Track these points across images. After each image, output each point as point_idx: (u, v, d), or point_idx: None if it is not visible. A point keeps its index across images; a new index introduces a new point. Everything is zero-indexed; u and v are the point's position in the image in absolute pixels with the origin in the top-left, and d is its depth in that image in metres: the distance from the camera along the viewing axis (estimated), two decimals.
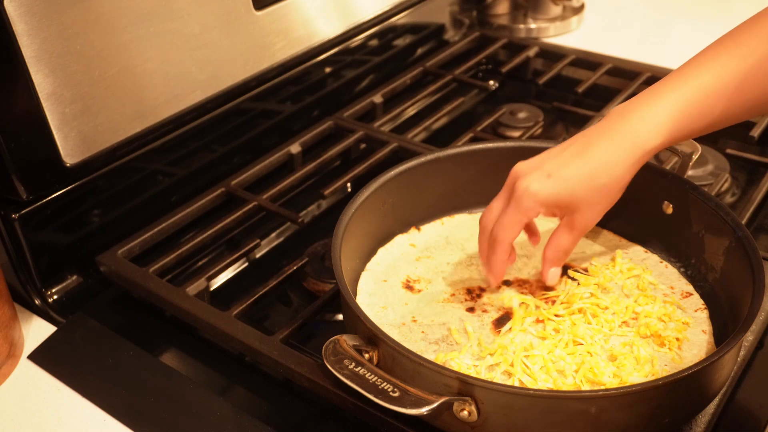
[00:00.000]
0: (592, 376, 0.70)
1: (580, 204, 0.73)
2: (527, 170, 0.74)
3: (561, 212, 0.75)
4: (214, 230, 0.92)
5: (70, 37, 0.81)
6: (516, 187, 0.73)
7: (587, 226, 0.75)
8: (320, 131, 1.10)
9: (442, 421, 0.65)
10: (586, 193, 0.72)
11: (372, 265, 0.86)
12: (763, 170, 1.03)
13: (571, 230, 0.75)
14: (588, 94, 1.22)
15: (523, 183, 0.73)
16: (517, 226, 0.74)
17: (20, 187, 0.81)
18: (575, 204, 0.73)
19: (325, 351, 0.66)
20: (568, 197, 0.72)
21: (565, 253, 0.77)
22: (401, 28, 1.30)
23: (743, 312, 0.69)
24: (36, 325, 0.86)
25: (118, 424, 0.74)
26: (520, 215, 0.73)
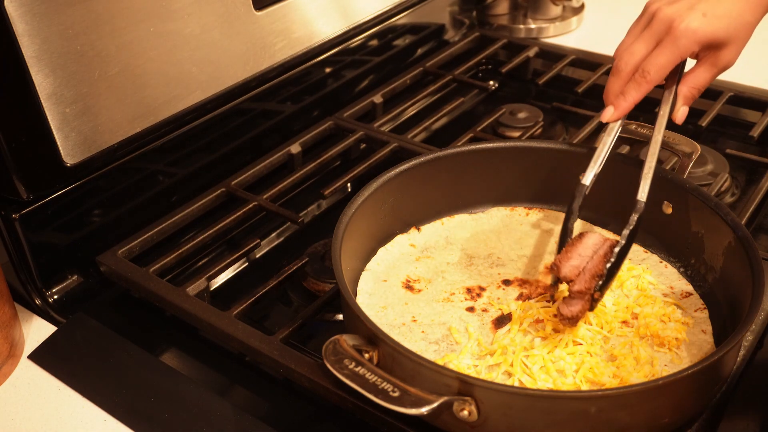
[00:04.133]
0: (592, 376, 0.70)
1: (730, 41, 0.76)
2: (678, 10, 0.76)
3: (707, 51, 0.78)
4: (214, 230, 0.92)
5: (70, 37, 0.81)
6: (675, 26, 0.75)
7: (730, 64, 0.79)
8: (320, 131, 1.10)
9: (442, 421, 0.65)
10: (736, 31, 0.76)
11: (372, 265, 0.86)
12: (763, 170, 1.03)
13: (712, 67, 0.78)
14: (588, 94, 1.22)
15: (683, 22, 0.75)
16: (672, 64, 0.77)
17: (20, 187, 0.81)
18: (727, 41, 0.76)
19: (325, 351, 0.66)
20: (724, 35, 0.76)
21: (699, 91, 0.81)
22: (401, 28, 1.30)
23: (743, 312, 0.69)
24: (36, 325, 0.86)
25: (118, 424, 0.74)
26: (678, 54, 0.76)
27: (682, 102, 0.81)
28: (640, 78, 0.78)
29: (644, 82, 0.78)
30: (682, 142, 0.88)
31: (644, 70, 0.77)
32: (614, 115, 0.81)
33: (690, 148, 0.87)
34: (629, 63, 0.78)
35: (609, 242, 0.75)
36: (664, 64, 0.77)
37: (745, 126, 1.15)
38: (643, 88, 0.78)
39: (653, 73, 0.77)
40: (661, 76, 0.77)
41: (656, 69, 0.77)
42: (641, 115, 1.17)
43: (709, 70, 0.79)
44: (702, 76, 0.80)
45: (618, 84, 0.80)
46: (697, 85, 0.80)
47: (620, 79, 0.79)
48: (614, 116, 0.82)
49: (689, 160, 0.86)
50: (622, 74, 0.79)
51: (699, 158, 0.89)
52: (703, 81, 0.80)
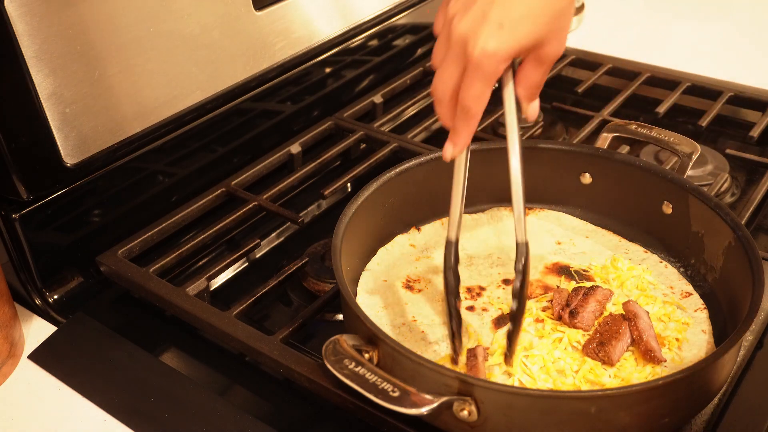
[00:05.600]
0: (592, 377, 0.70)
1: (545, 39, 0.66)
2: (470, 25, 0.64)
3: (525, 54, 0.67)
4: (214, 230, 0.92)
5: (70, 37, 0.81)
6: (469, 52, 0.64)
7: (558, 54, 0.68)
8: (320, 131, 1.10)
9: (442, 421, 0.65)
10: (547, 27, 0.65)
11: (372, 265, 0.86)
12: (763, 170, 1.03)
13: (540, 65, 0.68)
14: (588, 94, 1.22)
15: (477, 46, 0.63)
16: (487, 92, 0.66)
17: (20, 187, 0.81)
18: (540, 41, 0.65)
19: (325, 351, 0.66)
20: (532, 40, 0.65)
21: (539, 87, 0.70)
22: (401, 28, 1.30)
23: (743, 312, 0.69)
24: (36, 325, 0.86)
25: (118, 424, 0.74)
26: (488, 80, 0.65)
27: (526, 102, 0.71)
28: (464, 114, 0.68)
29: (469, 117, 0.68)
30: (682, 142, 0.88)
31: (465, 107, 0.68)
32: (455, 152, 0.73)
33: (690, 148, 0.87)
34: (445, 92, 0.69)
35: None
36: (479, 95, 0.66)
37: (745, 126, 1.15)
38: (471, 123, 0.69)
39: (473, 107, 0.67)
40: (482, 104, 0.67)
41: (474, 101, 0.67)
42: (641, 115, 1.17)
43: (537, 68, 0.68)
44: (533, 74, 0.69)
45: (444, 111, 0.71)
46: (531, 84, 0.69)
47: (445, 107, 0.70)
48: (456, 153, 0.73)
49: (689, 160, 0.86)
50: (443, 103, 0.70)
51: (699, 158, 0.89)
52: (537, 78, 0.69)
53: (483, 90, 0.66)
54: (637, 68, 1.25)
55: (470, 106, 0.67)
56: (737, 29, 1.49)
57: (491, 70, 0.64)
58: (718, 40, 1.44)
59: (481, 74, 0.64)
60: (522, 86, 0.69)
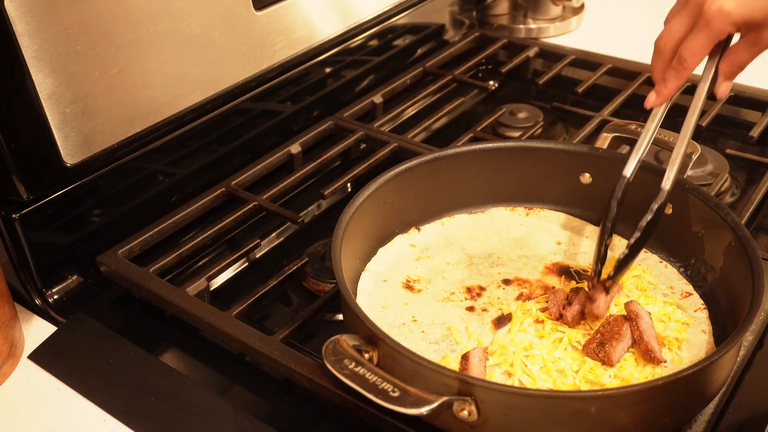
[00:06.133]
0: (592, 377, 0.70)
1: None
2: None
3: (747, 29, 0.74)
4: (214, 230, 0.92)
5: (70, 37, 0.81)
6: (705, 8, 0.71)
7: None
8: (320, 131, 1.10)
9: (442, 421, 0.65)
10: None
11: (372, 265, 0.86)
12: (763, 170, 1.03)
13: (753, 46, 0.74)
14: (588, 95, 1.22)
15: (714, 3, 0.71)
16: (708, 48, 0.74)
17: (20, 187, 0.81)
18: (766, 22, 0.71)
19: (325, 351, 0.66)
20: (762, 15, 0.71)
21: (741, 68, 0.77)
22: (401, 28, 1.30)
23: (743, 312, 0.69)
24: (36, 325, 0.86)
25: (118, 424, 0.74)
26: (712, 37, 0.72)
27: (723, 78, 0.78)
28: (678, 65, 0.75)
29: (682, 69, 0.76)
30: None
31: (681, 57, 0.75)
32: (657, 101, 0.80)
33: (690, 148, 0.87)
34: (668, 44, 0.76)
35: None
36: (699, 49, 0.74)
37: (745, 126, 1.15)
38: (682, 75, 0.76)
39: (689, 59, 0.75)
40: (698, 61, 0.75)
41: (692, 55, 0.74)
42: (641, 115, 1.17)
43: (749, 49, 0.75)
44: (743, 55, 0.76)
45: (660, 63, 0.78)
46: (737, 63, 0.76)
47: (661, 59, 0.77)
48: (657, 102, 0.80)
49: (689, 160, 0.86)
50: (662, 54, 0.77)
51: (699, 158, 0.89)
52: (744, 59, 0.76)
53: (704, 45, 0.73)
54: (637, 68, 1.25)
55: (687, 58, 0.74)
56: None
57: (719, 28, 0.71)
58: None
59: (709, 30, 0.71)
60: (727, 62, 0.76)
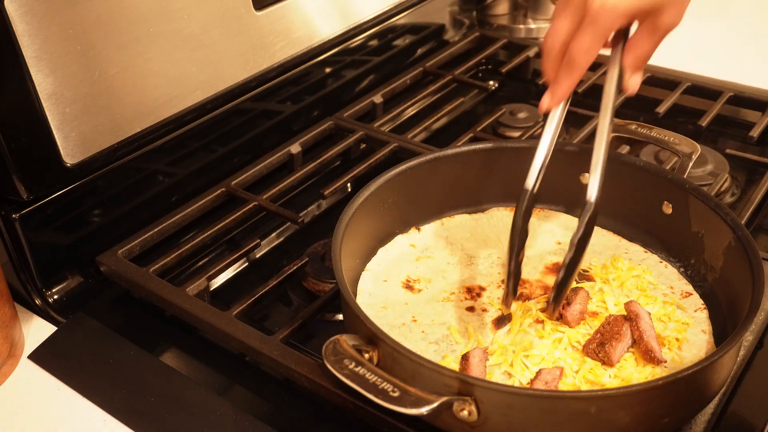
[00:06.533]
0: (592, 377, 0.70)
1: (665, 5, 0.67)
2: None
3: (643, 17, 0.70)
4: (214, 230, 0.92)
5: (70, 37, 0.81)
6: (589, 5, 0.67)
7: (672, 26, 0.70)
8: (320, 131, 1.10)
9: (442, 421, 0.65)
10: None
11: (372, 265, 0.86)
12: (763, 170, 1.03)
13: (653, 34, 0.70)
14: (588, 95, 1.22)
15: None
16: (597, 46, 0.70)
17: (20, 187, 0.81)
18: (660, 6, 0.67)
19: (325, 351, 0.66)
20: (652, 3, 0.67)
21: (645, 59, 0.73)
22: (401, 28, 1.30)
23: (743, 312, 0.69)
24: (36, 325, 0.86)
25: (118, 424, 0.74)
26: (600, 34, 0.68)
27: (630, 72, 0.73)
28: (569, 66, 0.71)
29: (573, 69, 0.71)
30: (682, 142, 0.88)
31: (571, 57, 0.70)
32: (551, 103, 0.75)
33: (690, 148, 0.87)
34: (555, 44, 0.71)
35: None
36: (588, 48, 0.69)
37: (745, 126, 1.15)
38: (574, 75, 0.72)
39: (580, 59, 0.70)
40: (589, 58, 0.70)
41: (582, 54, 0.69)
42: (641, 115, 1.17)
43: (649, 37, 0.70)
44: (645, 45, 0.71)
45: (549, 64, 0.73)
46: (641, 54, 0.72)
47: (551, 60, 0.73)
48: (551, 104, 0.75)
49: (689, 160, 0.86)
50: (551, 55, 0.72)
51: (699, 158, 0.89)
52: (647, 49, 0.71)
53: (593, 44, 0.68)
54: None
55: (577, 58, 0.70)
56: (737, 29, 1.49)
57: (607, 24, 0.67)
58: (718, 40, 1.44)
59: (596, 28, 0.67)
60: (630, 54, 0.71)
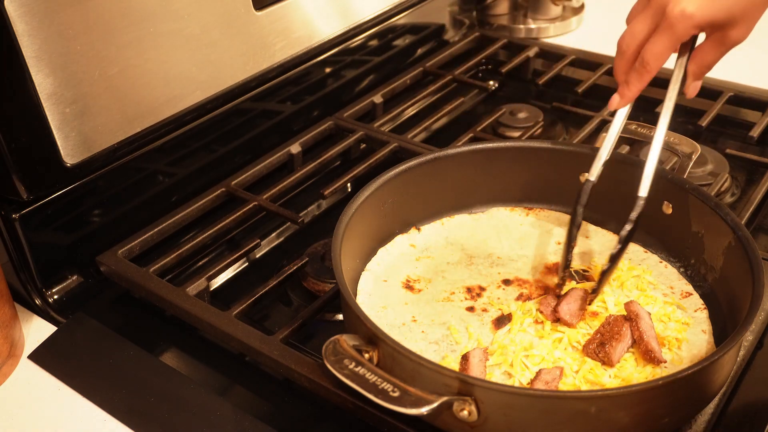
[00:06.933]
0: (592, 377, 0.70)
1: (737, 20, 0.71)
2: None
3: (712, 29, 0.73)
4: (214, 230, 0.92)
5: (70, 37, 0.81)
6: (668, 10, 0.71)
7: (739, 41, 0.74)
8: (320, 131, 1.10)
9: (442, 420, 0.65)
10: (742, 11, 0.71)
11: (372, 265, 0.86)
12: (763, 170, 1.03)
13: (720, 46, 0.74)
14: (588, 95, 1.22)
15: (677, 5, 0.70)
16: (670, 51, 0.73)
17: (20, 187, 0.81)
18: (732, 21, 0.71)
19: (325, 351, 0.66)
20: (727, 15, 0.70)
21: (709, 68, 0.76)
22: (401, 28, 1.30)
23: (743, 312, 0.69)
24: (36, 325, 0.86)
25: (118, 424, 0.74)
26: (675, 40, 0.72)
27: (692, 79, 0.78)
28: (641, 68, 0.75)
29: (645, 72, 0.75)
30: (682, 142, 0.88)
31: (644, 60, 0.74)
32: (620, 103, 0.80)
33: (690, 148, 0.87)
34: (630, 45, 0.76)
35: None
36: (662, 52, 0.73)
37: (745, 126, 1.15)
38: (644, 78, 0.76)
39: (652, 62, 0.74)
40: (660, 63, 0.75)
41: (655, 58, 0.74)
42: (641, 115, 1.17)
43: (716, 49, 0.75)
44: (710, 55, 0.75)
45: (622, 64, 0.77)
46: (705, 63, 0.76)
47: (624, 60, 0.77)
48: (620, 104, 0.80)
49: (689, 160, 0.86)
50: (625, 55, 0.76)
51: (699, 158, 0.89)
52: (712, 59, 0.76)
53: (666, 48, 0.72)
54: None
55: (650, 61, 0.73)
56: None
57: (682, 31, 0.71)
58: None
59: (671, 33, 0.71)
60: (695, 63, 0.76)
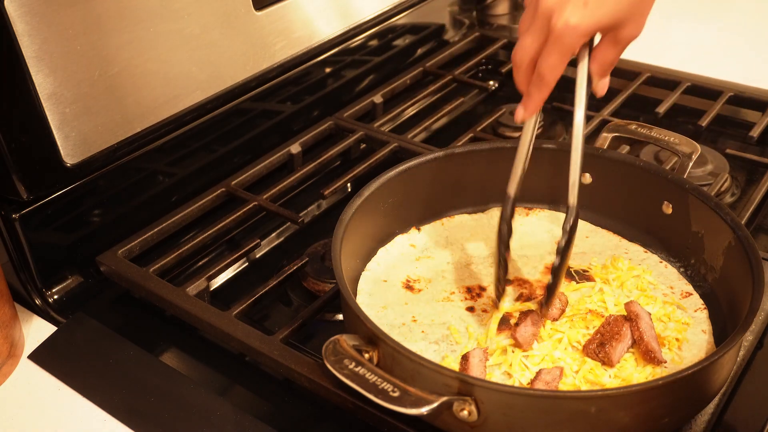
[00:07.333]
0: (592, 377, 0.70)
1: (625, 20, 0.71)
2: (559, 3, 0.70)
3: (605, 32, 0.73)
4: (214, 230, 0.92)
5: (70, 37, 0.81)
6: (553, 24, 0.70)
7: (633, 37, 0.73)
8: (320, 131, 1.10)
9: (442, 421, 0.65)
10: (627, 11, 0.70)
11: (372, 265, 0.86)
12: (763, 170, 1.03)
13: (615, 45, 0.73)
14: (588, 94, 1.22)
15: (560, 18, 0.69)
16: (564, 62, 0.73)
17: (20, 187, 0.81)
18: (620, 22, 0.71)
19: (325, 351, 0.66)
20: (612, 20, 0.70)
21: (612, 65, 0.76)
22: (401, 28, 1.30)
23: (743, 312, 0.69)
24: (36, 325, 0.86)
25: (118, 424, 0.74)
26: (565, 52, 0.71)
27: (597, 78, 0.76)
28: (538, 81, 0.74)
29: (543, 85, 0.74)
30: (682, 142, 0.88)
31: (540, 74, 0.73)
32: (526, 115, 0.79)
33: (690, 148, 0.87)
34: (524, 59, 0.74)
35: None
36: (555, 65, 0.72)
37: (745, 126, 1.15)
38: (544, 90, 0.75)
39: (548, 75, 0.73)
40: (557, 74, 0.73)
41: (550, 70, 0.73)
42: (641, 115, 1.17)
43: (613, 48, 0.73)
44: (608, 54, 0.74)
45: (521, 77, 0.76)
46: (605, 62, 0.75)
47: (521, 73, 0.76)
48: (526, 116, 0.79)
49: (689, 160, 0.86)
50: (521, 69, 0.76)
51: (699, 158, 0.89)
52: (611, 58, 0.74)
53: (559, 61, 0.72)
54: (637, 68, 1.25)
55: (545, 74, 0.73)
56: (737, 29, 1.49)
57: (570, 42, 0.70)
58: (718, 40, 1.44)
59: (561, 46, 0.70)
60: (596, 63, 0.75)
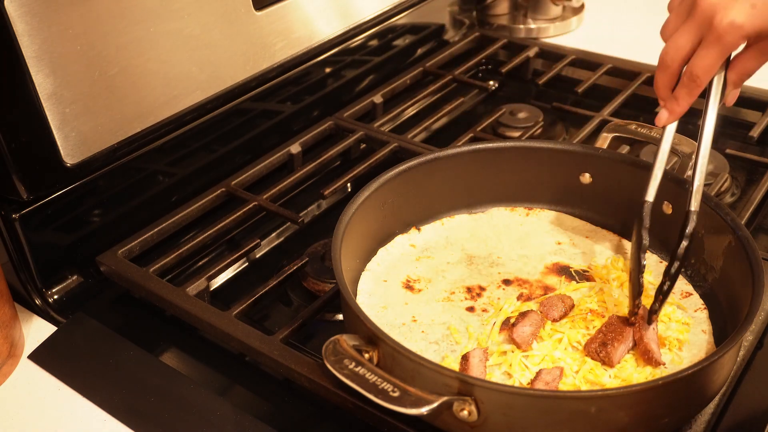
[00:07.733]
0: (592, 377, 0.70)
1: None
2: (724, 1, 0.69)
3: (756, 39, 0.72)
4: (214, 230, 0.92)
5: (70, 37, 0.81)
6: (716, 22, 0.69)
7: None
8: (320, 131, 1.10)
9: (442, 420, 0.65)
10: None
11: (372, 265, 0.86)
12: (763, 170, 1.03)
13: (762, 55, 0.73)
14: (588, 95, 1.22)
15: (726, 17, 0.68)
16: (718, 65, 0.72)
17: (20, 187, 0.81)
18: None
19: (325, 351, 0.66)
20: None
21: (749, 76, 0.75)
22: (401, 28, 1.30)
23: (743, 312, 0.69)
24: (36, 325, 0.86)
25: (118, 424, 0.74)
26: (725, 52, 0.71)
27: (731, 87, 0.76)
28: (690, 83, 0.73)
29: (695, 86, 0.73)
30: (682, 142, 0.88)
31: (693, 75, 0.72)
32: (670, 119, 0.77)
33: (690, 148, 0.87)
34: (675, 59, 0.73)
35: None
36: (711, 65, 0.71)
37: (745, 126, 1.15)
38: (695, 92, 0.74)
39: (702, 76, 0.72)
40: (710, 76, 0.73)
41: (704, 71, 0.72)
42: (641, 115, 1.17)
43: (759, 58, 0.73)
44: (752, 63, 0.74)
45: (666, 79, 0.75)
46: (745, 71, 0.74)
47: (668, 75, 0.75)
48: (669, 120, 0.78)
49: (689, 160, 0.86)
50: (669, 70, 0.74)
51: None
52: (753, 68, 0.74)
53: (716, 61, 0.71)
54: (637, 68, 1.25)
55: (699, 75, 0.71)
56: None
57: (732, 42, 0.69)
58: None
59: (721, 45, 0.69)
60: (735, 72, 0.74)
